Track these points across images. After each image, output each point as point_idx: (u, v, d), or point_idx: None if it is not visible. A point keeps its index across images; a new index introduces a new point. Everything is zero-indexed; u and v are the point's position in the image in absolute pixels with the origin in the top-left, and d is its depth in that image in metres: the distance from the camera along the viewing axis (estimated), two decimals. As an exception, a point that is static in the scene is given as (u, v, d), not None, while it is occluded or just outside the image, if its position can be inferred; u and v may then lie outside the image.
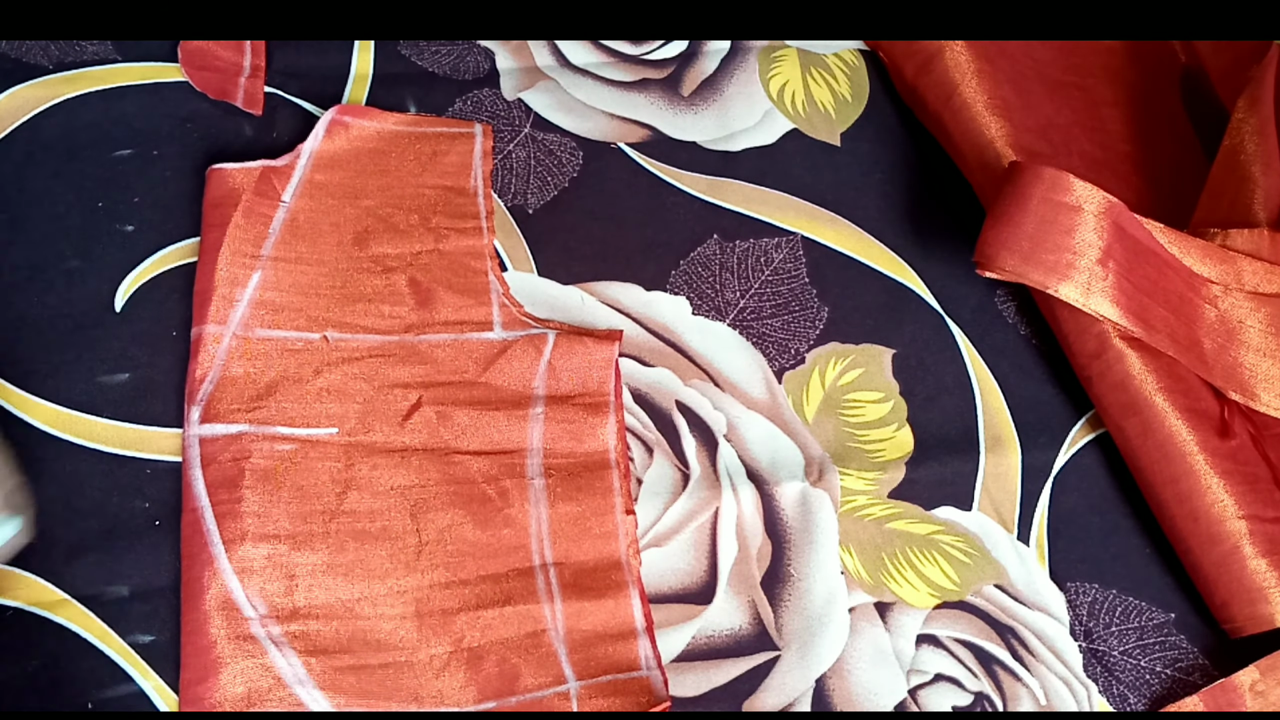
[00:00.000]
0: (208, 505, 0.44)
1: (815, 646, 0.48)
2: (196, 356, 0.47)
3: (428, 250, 0.51)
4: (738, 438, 0.51)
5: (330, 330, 0.49)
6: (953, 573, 0.50)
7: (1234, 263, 0.51)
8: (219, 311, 0.47)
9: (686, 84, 0.60)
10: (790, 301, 0.55)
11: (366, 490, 0.46)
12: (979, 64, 0.57)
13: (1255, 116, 0.53)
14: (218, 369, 0.47)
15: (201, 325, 0.47)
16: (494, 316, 0.50)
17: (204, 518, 0.44)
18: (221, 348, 0.47)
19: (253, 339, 0.47)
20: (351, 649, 0.43)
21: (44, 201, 0.50)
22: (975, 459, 0.53)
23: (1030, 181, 0.49)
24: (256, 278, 0.49)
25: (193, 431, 0.45)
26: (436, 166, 0.53)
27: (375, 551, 0.45)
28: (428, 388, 0.48)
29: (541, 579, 0.46)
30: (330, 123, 0.52)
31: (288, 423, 0.46)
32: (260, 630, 0.42)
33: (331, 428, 0.47)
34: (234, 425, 0.45)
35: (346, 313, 0.49)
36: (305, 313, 0.49)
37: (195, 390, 0.46)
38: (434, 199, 0.53)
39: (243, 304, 0.48)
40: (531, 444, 0.48)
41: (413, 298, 0.50)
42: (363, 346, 0.49)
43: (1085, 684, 0.49)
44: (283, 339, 0.48)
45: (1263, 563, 0.48)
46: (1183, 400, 0.50)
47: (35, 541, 0.43)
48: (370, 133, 0.53)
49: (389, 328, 0.49)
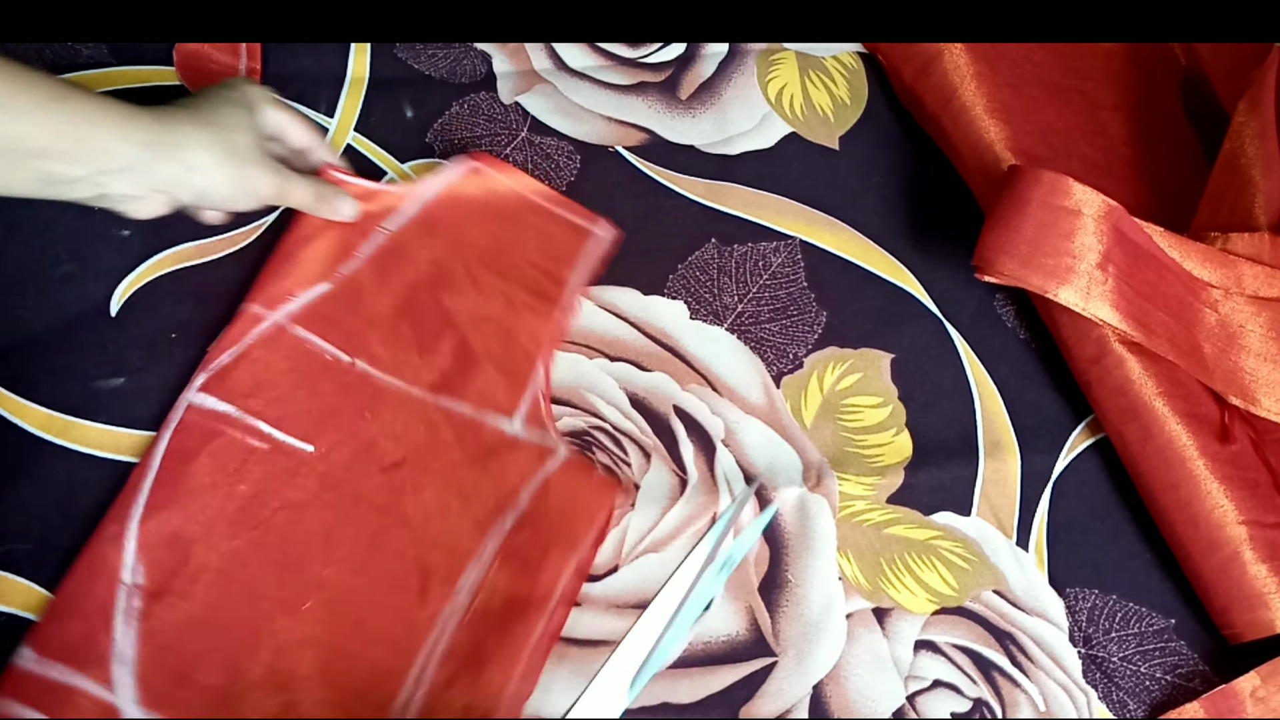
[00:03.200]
0: (156, 465, 0.44)
1: (813, 652, 0.47)
2: (231, 328, 0.47)
3: (493, 317, 0.50)
4: (735, 443, 0.51)
5: (362, 359, 0.48)
6: (951, 578, 0.50)
7: (1234, 267, 0.51)
8: (272, 298, 0.48)
9: (684, 87, 0.60)
10: (789, 306, 0.55)
11: (302, 519, 0.45)
12: (978, 67, 0.57)
13: (1256, 120, 0.52)
14: (243, 346, 0.47)
15: (251, 303, 0.47)
16: (520, 406, 0.49)
17: (146, 475, 0.44)
18: (258, 330, 0.47)
19: (289, 332, 0.47)
20: (188, 655, 0.42)
21: (39, 205, 0.49)
22: (974, 464, 0.53)
23: (1029, 185, 0.49)
24: (323, 289, 0.48)
25: (188, 395, 0.45)
26: (546, 245, 0.52)
27: (270, 580, 0.43)
28: (420, 451, 0.47)
29: (407, 693, 0.43)
30: (469, 168, 0.52)
31: (274, 423, 0.46)
32: (122, 596, 0.41)
33: (311, 445, 0.46)
34: (224, 404, 0.45)
35: (384, 348, 0.48)
36: (348, 332, 0.48)
37: (212, 358, 0.46)
38: (526, 273, 0.52)
39: (298, 302, 0.48)
40: (482, 553, 0.46)
41: (453, 358, 0.49)
42: (383, 386, 0.48)
43: (1085, 690, 0.49)
44: (316, 346, 0.48)
45: (1263, 568, 0.48)
46: (1183, 405, 0.50)
47: (29, 546, 0.43)
48: (502, 189, 0.52)
49: (415, 379, 0.48)
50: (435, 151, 0.55)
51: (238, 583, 0.43)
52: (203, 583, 0.43)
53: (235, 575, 0.43)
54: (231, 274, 0.50)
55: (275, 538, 0.44)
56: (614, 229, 0.54)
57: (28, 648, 0.41)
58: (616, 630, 0.47)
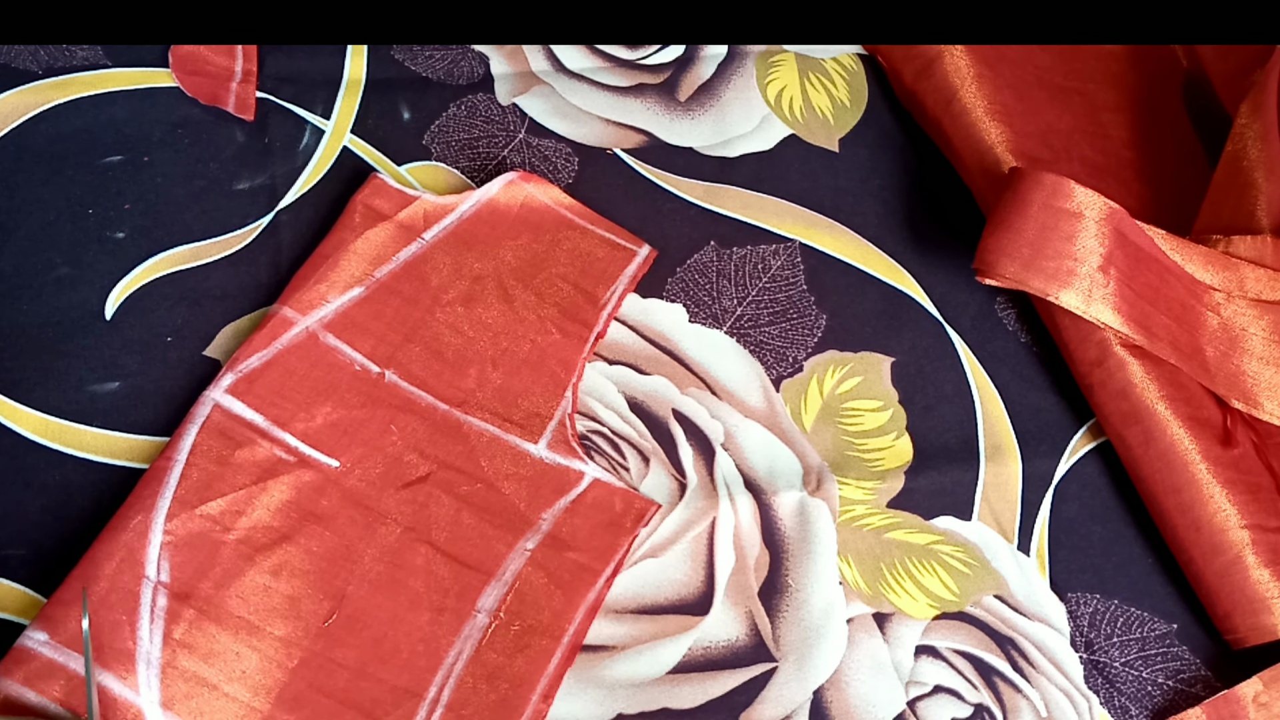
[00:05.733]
0: (183, 460, 0.43)
1: (813, 658, 0.47)
2: (261, 329, 0.47)
3: (525, 336, 0.50)
4: (735, 447, 0.51)
5: (391, 370, 0.48)
6: (952, 583, 0.50)
7: (1237, 270, 0.51)
8: (305, 302, 0.47)
9: (683, 89, 0.60)
10: (788, 309, 0.55)
11: (325, 534, 0.44)
12: (979, 69, 0.57)
13: (1258, 122, 0.52)
14: (273, 351, 0.46)
15: (283, 306, 0.47)
16: (547, 430, 0.48)
17: (171, 469, 0.43)
18: (288, 335, 0.47)
19: (320, 340, 0.47)
20: (211, 659, 0.41)
21: (33, 208, 0.50)
22: (975, 468, 0.52)
23: (1031, 187, 0.49)
24: (357, 293, 0.48)
25: (214, 393, 0.45)
26: (584, 266, 0.52)
27: (293, 594, 0.43)
28: (445, 468, 0.47)
29: (424, 714, 0.42)
30: (508, 181, 0.52)
31: (301, 436, 0.45)
32: (148, 592, 0.41)
33: (336, 460, 0.46)
34: (252, 412, 0.45)
35: (414, 360, 0.48)
36: (379, 342, 0.48)
37: (240, 359, 0.46)
38: (562, 293, 0.51)
39: (331, 307, 0.48)
40: (503, 574, 0.45)
41: (481, 376, 0.49)
42: (411, 399, 0.47)
43: (1086, 696, 0.49)
44: (346, 356, 0.47)
45: (1265, 573, 0.48)
46: (1185, 409, 0.50)
47: (23, 551, 0.43)
48: (539, 205, 0.52)
49: (443, 394, 0.48)
50: (432, 154, 0.55)
51: (261, 593, 0.43)
52: (228, 590, 0.42)
53: (259, 586, 0.43)
54: (227, 277, 0.50)
55: (298, 551, 0.44)
56: (651, 249, 0.54)
57: (40, 631, 0.40)
58: (616, 635, 0.46)
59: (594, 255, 0.53)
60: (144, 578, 0.41)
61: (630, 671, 0.46)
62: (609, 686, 0.45)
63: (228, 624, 0.42)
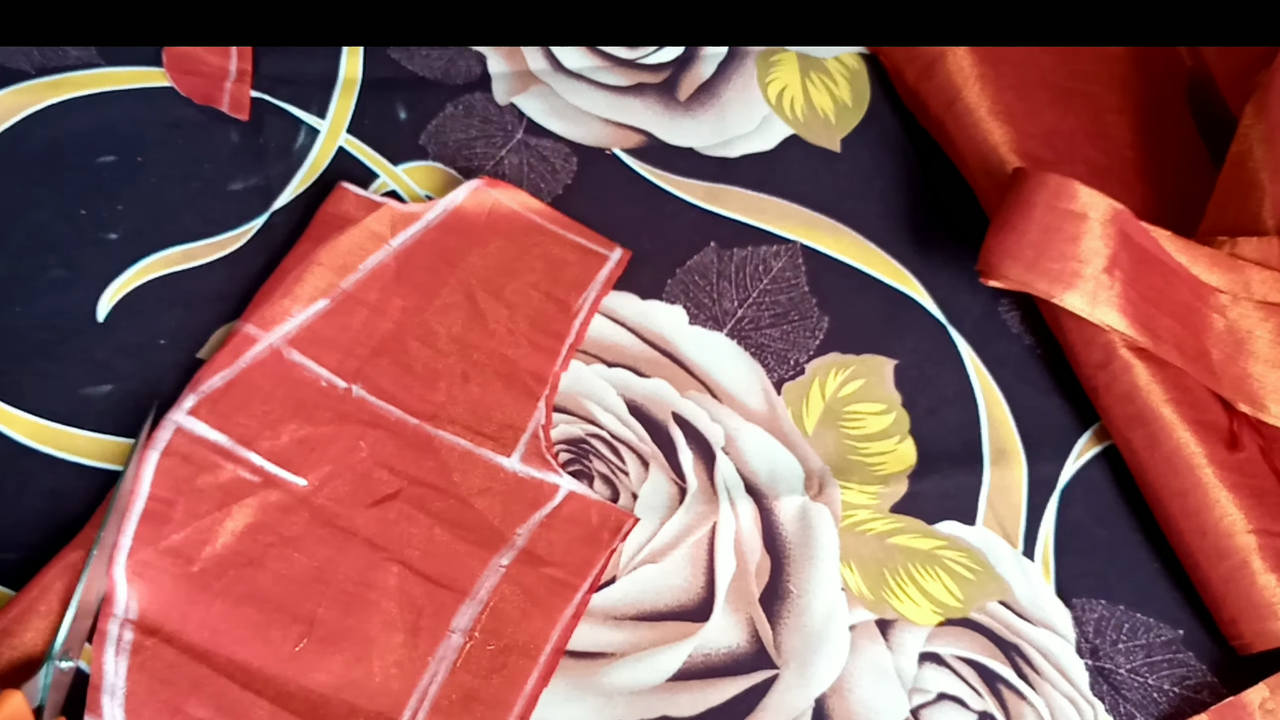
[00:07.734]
0: (144, 496, 0.42)
1: (815, 665, 0.47)
2: (224, 348, 0.46)
3: (497, 350, 0.49)
4: (736, 450, 0.50)
5: (359, 385, 0.47)
6: (956, 589, 0.49)
7: (1242, 271, 0.50)
8: (268, 318, 0.46)
9: (683, 89, 0.59)
10: (789, 311, 0.54)
11: (293, 557, 0.43)
12: (981, 69, 0.56)
13: (1263, 123, 0.52)
14: (236, 371, 0.45)
15: (245, 323, 0.46)
16: (520, 442, 0.47)
17: (134, 501, 0.42)
18: (251, 353, 0.46)
19: (285, 357, 0.46)
20: (181, 690, 0.40)
21: (26, 209, 0.49)
22: (979, 472, 0.52)
23: (1035, 188, 0.48)
24: (322, 305, 0.47)
25: (175, 415, 0.44)
26: (555, 273, 0.51)
27: (262, 620, 0.42)
28: (416, 484, 0.46)
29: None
30: (474, 188, 0.51)
31: (267, 455, 0.44)
32: (114, 628, 0.40)
33: (304, 479, 0.45)
34: (216, 433, 0.44)
35: (382, 374, 0.47)
36: (346, 356, 0.47)
37: (203, 379, 0.45)
38: (534, 303, 0.50)
39: (295, 321, 0.47)
40: (477, 592, 0.44)
41: (451, 389, 0.48)
42: (380, 414, 0.47)
43: (1092, 702, 0.48)
44: (312, 372, 0.46)
45: (1272, 578, 0.47)
46: (1190, 412, 0.49)
47: (15, 555, 0.43)
48: (506, 212, 0.51)
49: (413, 408, 0.47)
50: (429, 154, 0.55)
51: (230, 621, 0.42)
52: (195, 621, 0.41)
53: (228, 614, 0.42)
54: (221, 279, 0.49)
55: (267, 576, 0.43)
56: (625, 251, 0.53)
57: None
58: (615, 642, 0.46)
59: (565, 261, 0.52)
60: (111, 615, 0.41)
61: (629, 679, 0.45)
62: (608, 694, 0.45)
63: (194, 655, 0.41)
